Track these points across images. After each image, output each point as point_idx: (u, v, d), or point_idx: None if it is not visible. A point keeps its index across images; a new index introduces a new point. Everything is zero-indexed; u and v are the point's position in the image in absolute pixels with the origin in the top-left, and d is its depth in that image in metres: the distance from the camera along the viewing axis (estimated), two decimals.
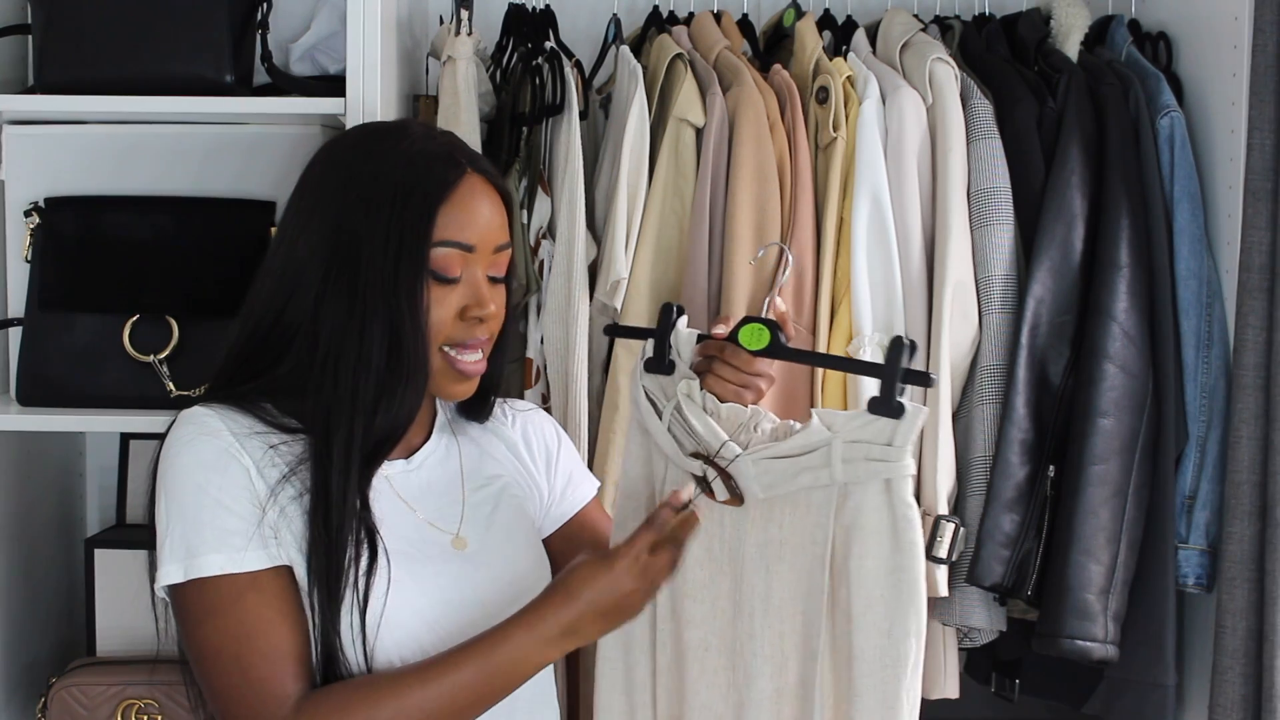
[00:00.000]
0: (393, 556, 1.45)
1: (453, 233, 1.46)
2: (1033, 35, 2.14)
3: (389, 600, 1.43)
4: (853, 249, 1.97)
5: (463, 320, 1.48)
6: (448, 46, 2.03)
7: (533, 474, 1.65)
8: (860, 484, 1.42)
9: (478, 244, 1.48)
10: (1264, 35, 1.91)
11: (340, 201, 1.46)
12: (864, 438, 1.41)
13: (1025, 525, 1.96)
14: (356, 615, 1.41)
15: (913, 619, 1.42)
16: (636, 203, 2.02)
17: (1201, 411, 1.99)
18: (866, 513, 1.42)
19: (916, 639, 1.42)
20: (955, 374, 1.99)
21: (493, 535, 1.55)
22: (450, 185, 1.46)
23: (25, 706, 2.16)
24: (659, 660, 1.56)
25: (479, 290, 1.48)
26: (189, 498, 1.40)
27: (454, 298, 1.47)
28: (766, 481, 1.46)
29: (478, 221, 1.48)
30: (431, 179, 1.46)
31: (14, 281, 2.11)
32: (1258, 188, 1.91)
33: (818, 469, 1.43)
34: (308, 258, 1.45)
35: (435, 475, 1.56)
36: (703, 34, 2.14)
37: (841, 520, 1.44)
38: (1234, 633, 1.90)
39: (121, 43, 1.95)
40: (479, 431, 1.64)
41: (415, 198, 1.45)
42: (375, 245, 1.43)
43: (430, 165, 1.47)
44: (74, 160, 2.08)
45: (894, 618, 1.42)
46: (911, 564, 1.41)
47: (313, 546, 1.40)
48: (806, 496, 1.45)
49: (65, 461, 2.37)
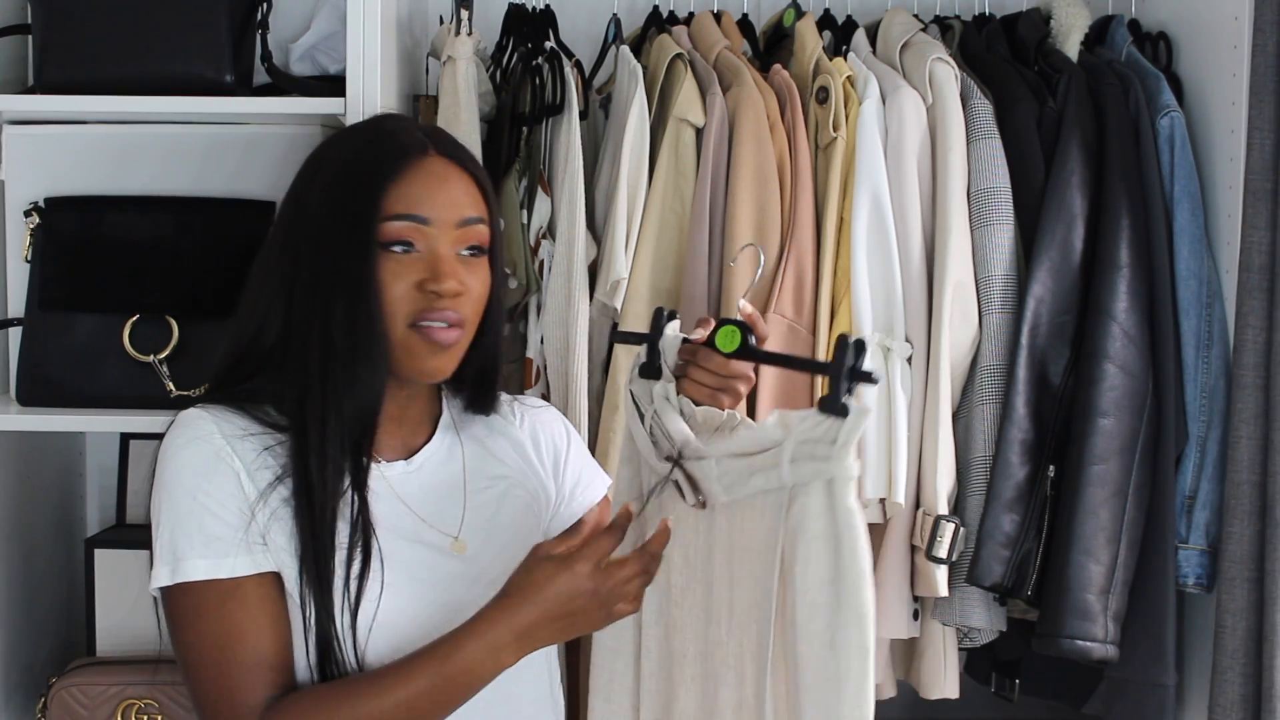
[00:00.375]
0: (388, 559, 1.44)
1: (404, 206, 1.46)
2: (1033, 35, 2.14)
3: (382, 603, 1.42)
4: (853, 249, 1.97)
5: (420, 292, 1.46)
6: (448, 46, 2.03)
7: (540, 475, 1.64)
8: (805, 486, 1.37)
9: (433, 217, 1.47)
10: (1264, 35, 1.91)
11: (307, 192, 1.49)
12: (813, 437, 1.37)
13: (1025, 525, 1.96)
14: (348, 616, 1.41)
15: (854, 630, 1.33)
16: (636, 203, 2.02)
17: (1201, 411, 1.99)
18: (810, 516, 1.36)
19: (859, 654, 1.33)
20: (955, 374, 1.99)
21: (494, 539, 1.54)
22: (403, 162, 1.47)
23: (25, 706, 2.16)
24: (644, 666, 1.54)
25: (437, 264, 1.46)
26: (179, 502, 1.41)
27: (411, 271, 1.46)
28: (726, 483, 1.43)
29: (435, 196, 1.47)
30: (385, 157, 1.47)
31: (14, 281, 2.11)
32: (1258, 188, 1.91)
33: (768, 470, 1.39)
34: (281, 252, 1.48)
35: (437, 476, 1.56)
36: (703, 34, 2.14)
37: (789, 524, 1.38)
38: (1234, 633, 1.90)
39: (121, 43, 1.95)
40: (485, 431, 1.63)
41: (365, 175, 1.46)
42: (326, 224, 1.45)
43: (387, 145, 1.49)
44: (74, 160, 2.08)
45: (835, 628, 1.34)
46: (851, 570, 1.33)
47: (301, 542, 1.41)
48: (762, 500, 1.41)
49: (65, 461, 2.37)
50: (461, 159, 1.53)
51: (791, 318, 1.98)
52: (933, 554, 1.93)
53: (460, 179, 1.50)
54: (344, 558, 1.42)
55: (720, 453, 1.44)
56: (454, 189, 1.49)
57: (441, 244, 1.47)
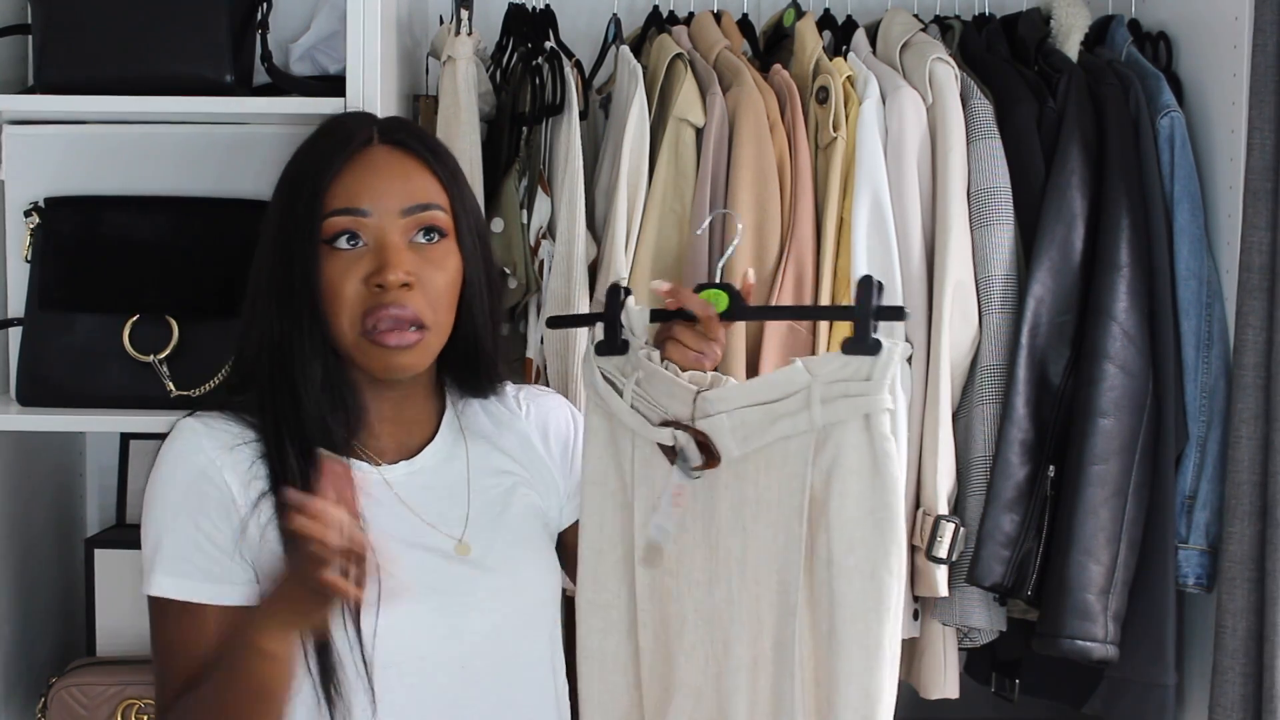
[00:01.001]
0: (390, 563, 1.44)
1: (343, 200, 1.46)
2: (1033, 35, 2.14)
3: (382, 609, 1.41)
4: (853, 249, 1.97)
5: (368, 288, 1.45)
6: (448, 46, 2.03)
7: (548, 466, 1.62)
8: (840, 423, 1.39)
9: (373, 207, 1.45)
10: (1264, 35, 1.90)
11: (273, 197, 1.51)
12: (843, 376, 1.39)
13: (1025, 525, 1.96)
14: (350, 622, 1.41)
15: (894, 557, 1.38)
16: (636, 203, 2.02)
17: (1201, 411, 1.99)
18: (846, 450, 1.39)
19: (898, 579, 1.38)
20: (955, 374, 1.98)
21: (499, 540, 1.53)
22: (342, 157, 1.47)
23: (25, 706, 2.16)
24: (641, 640, 1.52)
25: (383, 254, 1.45)
26: (160, 516, 1.45)
27: (359, 266, 1.45)
28: (742, 435, 1.43)
29: (374, 186, 1.46)
30: (326, 154, 1.48)
31: (14, 281, 2.11)
32: (1258, 188, 1.91)
33: (795, 414, 1.40)
34: (256, 261, 1.50)
35: (440, 477, 1.54)
36: (703, 34, 2.14)
37: (820, 464, 1.40)
38: (1234, 633, 1.90)
39: (121, 42, 1.95)
40: (491, 427, 1.61)
41: (309, 174, 1.47)
42: (279, 227, 1.47)
43: (329, 142, 1.49)
44: (74, 160, 2.08)
45: (876, 558, 1.38)
46: (892, 500, 1.38)
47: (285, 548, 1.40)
48: (783, 447, 1.42)
49: (65, 462, 2.37)
50: (411, 146, 1.50)
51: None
52: (933, 554, 1.93)
53: (406, 164, 1.49)
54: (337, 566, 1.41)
55: (733, 405, 1.44)
56: (396, 177, 1.48)
57: (389, 234, 1.46)
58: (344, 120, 1.57)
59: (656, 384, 1.49)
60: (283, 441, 1.44)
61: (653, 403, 1.49)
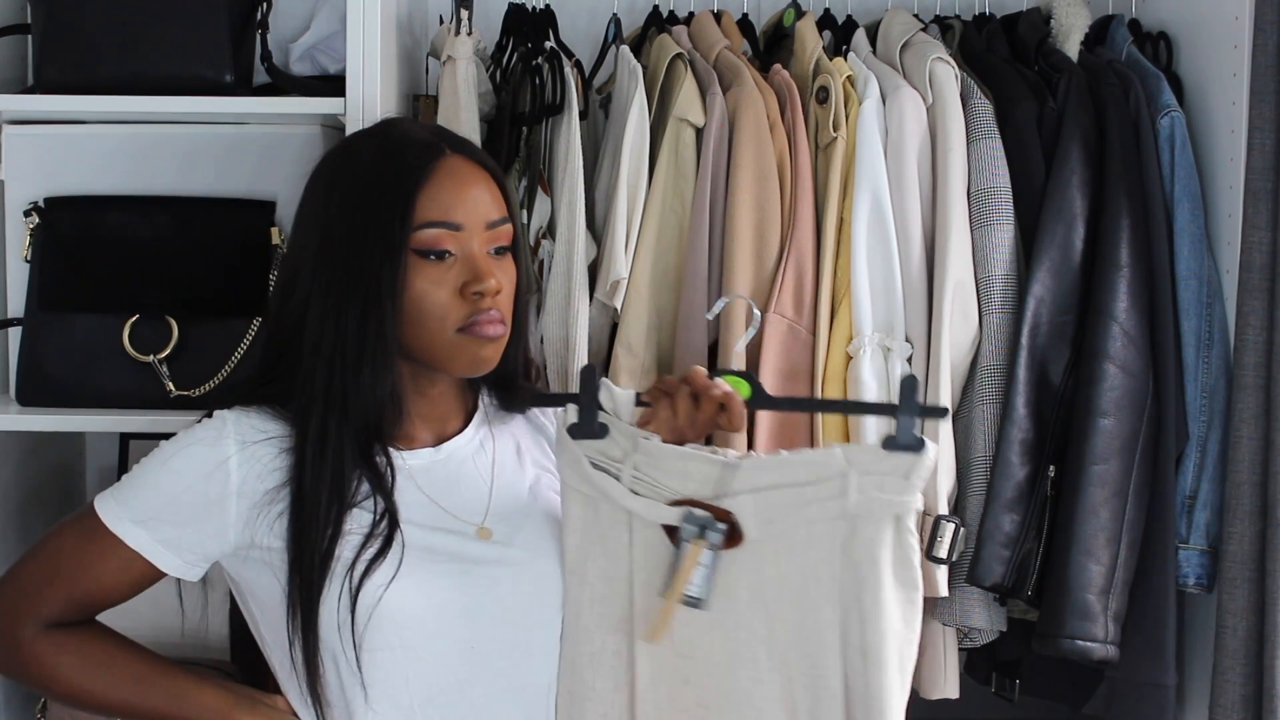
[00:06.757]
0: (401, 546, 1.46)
1: (436, 213, 1.46)
2: (1033, 35, 2.14)
3: (398, 583, 1.44)
4: (853, 249, 1.97)
5: (463, 298, 1.47)
6: (448, 46, 2.03)
7: None
8: (872, 518, 1.42)
9: (464, 221, 1.48)
10: (1264, 35, 1.91)
11: (326, 205, 1.49)
12: (880, 470, 1.41)
13: (1025, 525, 1.96)
14: (346, 602, 1.42)
15: (912, 650, 1.46)
16: (636, 203, 2.02)
17: (1202, 411, 1.99)
18: (881, 547, 1.42)
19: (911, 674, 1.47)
20: (955, 374, 1.98)
21: (522, 529, 1.54)
22: (427, 168, 1.47)
23: (25, 706, 2.16)
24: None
25: (476, 265, 1.48)
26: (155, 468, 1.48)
27: (451, 276, 1.47)
28: (766, 516, 1.44)
29: (464, 200, 1.48)
30: (407, 165, 1.47)
31: (14, 281, 2.11)
32: (1258, 188, 1.91)
33: (826, 501, 1.42)
34: (300, 264, 1.49)
35: (464, 467, 1.56)
36: (703, 34, 2.14)
37: (852, 554, 1.43)
38: (1235, 633, 1.90)
39: (121, 42, 1.95)
40: (522, 428, 1.64)
41: (392, 186, 1.46)
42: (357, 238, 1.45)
43: (406, 153, 1.49)
44: (74, 160, 2.08)
45: (904, 651, 1.45)
46: (916, 597, 1.45)
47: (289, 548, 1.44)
48: (808, 530, 1.44)
49: (65, 462, 2.37)
50: (478, 158, 1.53)
51: (791, 318, 1.98)
52: (933, 554, 1.93)
53: (481, 178, 1.51)
54: (358, 543, 1.44)
55: (760, 485, 1.44)
56: (479, 191, 1.50)
57: (474, 246, 1.48)
58: (400, 128, 1.56)
59: (666, 465, 1.48)
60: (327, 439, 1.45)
61: (656, 485, 1.48)
